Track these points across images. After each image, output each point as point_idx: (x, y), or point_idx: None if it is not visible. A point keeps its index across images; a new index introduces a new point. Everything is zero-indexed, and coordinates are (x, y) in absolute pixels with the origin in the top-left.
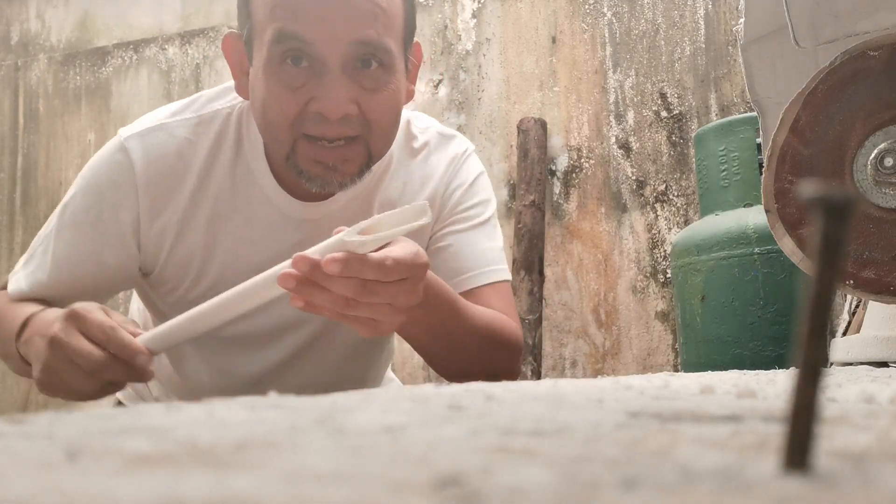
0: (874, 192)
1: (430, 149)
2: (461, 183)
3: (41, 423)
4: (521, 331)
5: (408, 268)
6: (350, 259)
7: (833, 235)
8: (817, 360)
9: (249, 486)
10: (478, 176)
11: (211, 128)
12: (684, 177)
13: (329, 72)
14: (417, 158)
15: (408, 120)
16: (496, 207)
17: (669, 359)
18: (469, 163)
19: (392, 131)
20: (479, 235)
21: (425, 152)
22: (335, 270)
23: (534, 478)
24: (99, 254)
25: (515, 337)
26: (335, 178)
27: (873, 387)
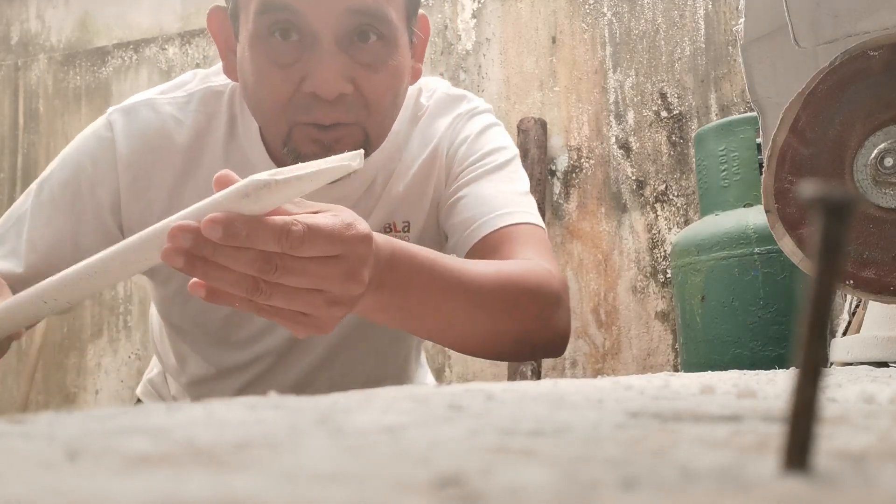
0: (874, 192)
1: (434, 112)
2: (466, 136)
3: (41, 423)
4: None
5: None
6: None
7: (833, 235)
8: (817, 360)
9: (249, 486)
10: (487, 127)
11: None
12: (684, 177)
13: (321, 46)
14: (419, 125)
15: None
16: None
17: (669, 359)
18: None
19: (392, 114)
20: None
21: (428, 116)
22: (215, 235)
23: (534, 478)
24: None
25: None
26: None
27: (873, 387)
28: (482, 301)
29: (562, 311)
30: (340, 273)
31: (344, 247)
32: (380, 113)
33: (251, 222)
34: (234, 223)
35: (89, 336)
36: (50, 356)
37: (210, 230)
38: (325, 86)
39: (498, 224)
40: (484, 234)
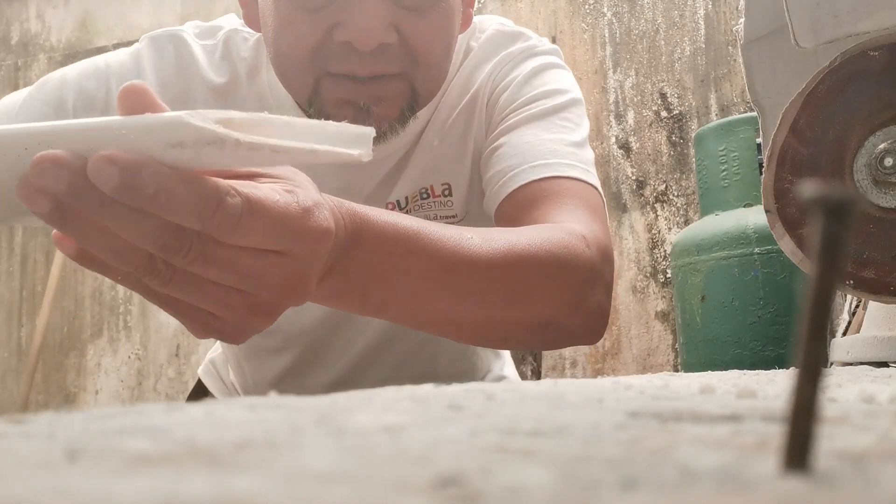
0: (874, 192)
1: (482, 53)
2: (512, 78)
3: (41, 423)
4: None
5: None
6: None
7: (833, 235)
8: (817, 360)
9: (249, 486)
10: (543, 68)
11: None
12: (684, 177)
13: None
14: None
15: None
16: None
17: (669, 359)
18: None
19: (444, 66)
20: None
21: (474, 56)
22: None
23: (534, 478)
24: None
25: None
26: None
27: (873, 387)
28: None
29: (598, 288)
30: (280, 276)
31: (293, 242)
32: (430, 64)
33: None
34: (139, 170)
35: (89, 336)
36: (50, 356)
37: (100, 173)
38: (363, 34)
39: (531, 176)
40: (514, 187)
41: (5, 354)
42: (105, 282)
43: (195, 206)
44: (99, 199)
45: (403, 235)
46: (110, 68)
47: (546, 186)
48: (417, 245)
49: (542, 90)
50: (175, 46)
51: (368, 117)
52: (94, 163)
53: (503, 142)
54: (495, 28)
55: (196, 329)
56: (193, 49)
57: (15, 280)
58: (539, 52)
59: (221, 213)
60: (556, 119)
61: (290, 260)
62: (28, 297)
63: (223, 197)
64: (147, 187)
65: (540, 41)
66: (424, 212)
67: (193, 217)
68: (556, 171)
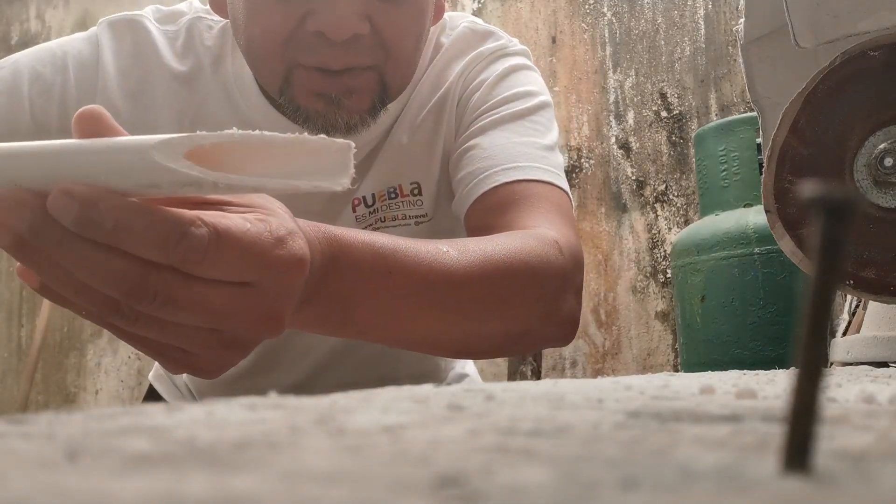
0: (874, 192)
1: (452, 51)
2: (483, 80)
3: (41, 423)
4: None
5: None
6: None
7: (833, 235)
8: (817, 360)
9: (249, 486)
10: (513, 69)
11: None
12: (684, 177)
13: None
14: (434, 65)
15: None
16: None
17: (669, 359)
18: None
19: (415, 59)
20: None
21: (444, 54)
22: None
23: (534, 478)
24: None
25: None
26: (340, 115)
27: (873, 387)
28: (457, 301)
29: (569, 294)
30: (252, 309)
31: (265, 273)
32: (402, 57)
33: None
34: (97, 205)
35: (89, 336)
36: (50, 356)
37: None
38: (336, 25)
39: (502, 179)
40: (484, 189)
41: (5, 354)
42: None
43: (158, 237)
44: (59, 237)
45: (380, 255)
46: (67, 55)
47: (517, 190)
48: (395, 264)
49: (512, 92)
50: (134, 32)
51: (339, 109)
52: (54, 196)
53: (474, 143)
54: (466, 26)
55: (169, 365)
56: (154, 35)
57: (15, 280)
58: (510, 52)
59: (186, 244)
60: (527, 122)
61: (263, 292)
62: (28, 297)
63: (187, 228)
64: (106, 221)
65: (510, 41)
66: (393, 211)
67: (156, 249)
68: (527, 174)
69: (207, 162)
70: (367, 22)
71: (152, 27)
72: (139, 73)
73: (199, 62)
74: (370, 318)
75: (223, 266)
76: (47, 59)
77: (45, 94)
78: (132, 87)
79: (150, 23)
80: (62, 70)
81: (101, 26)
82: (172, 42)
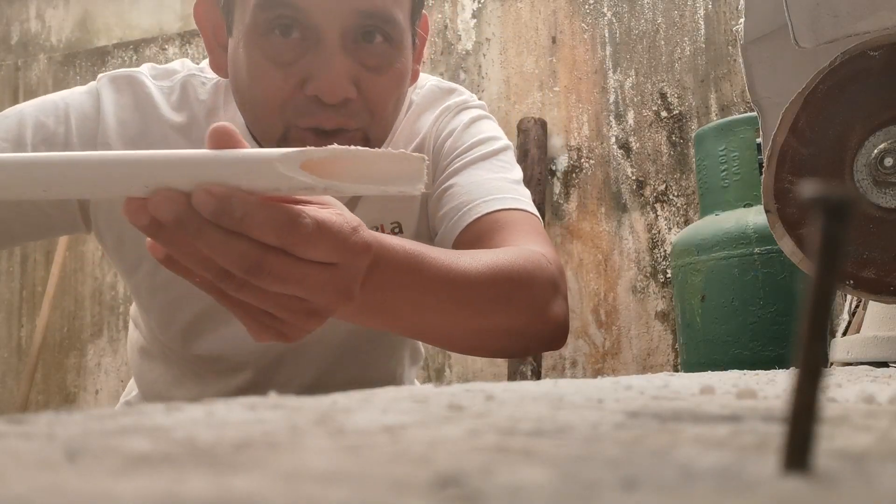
0: (874, 192)
1: (422, 105)
2: (453, 129)
3: (41, 423)
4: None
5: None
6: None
7: (833, 235)
8: (817, 360)
9: (249, 486)
10: (476, 119)
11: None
12: (684, 177)
13: (326, 46)
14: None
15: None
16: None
17: (669, 359)
18: (465, 112)
19: (394, 118)
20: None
21: (415, 109)
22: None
23: (534, 478)
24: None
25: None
26: None
27: (873, 387)
28: (471, 297)
29: (559, 299)
30: (333, 284)
31: (345, 255)
32: (383, 118)
33: (251, 204)
34: (230, 201)
35: (89, 336)
36: (50, 356)
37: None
38: (330, 90)
39: (484, 210)
40: (470, 220)
41: (5, 354)
42: (105, 282)
43: (275, 226)
44: (198, 224)
45: (412, 255)
46: (69, 107)
47: (499, 217)
48: (423, 264)
49: (478, 137)
50: (132, 86)
51: None
52: (198, 194)
53: (452, 183)
54: (433, 84)
55: (257, 330)
56: (150, 89)
57: (15, 280)
58: (471, 105)
59: (296, 231)
60: (495, 161)
61: (342, 270)
62: (28, 297)
63: (297, 219)
64: (236, 212)
65: (470, 96)
66: None
67: (273, 235)
68: (505, 203)
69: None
70: (354, 87)
71: (149, 82)
72: (138, 124)
73: (194, 114)
74: (400, 309)
75: (321, 249)
76: (50, 111)
77: (47, 143)
78: (132, 135)
79: (146, 78)
80: (64, 121)
81: (102, 81)
82: (168, 96)
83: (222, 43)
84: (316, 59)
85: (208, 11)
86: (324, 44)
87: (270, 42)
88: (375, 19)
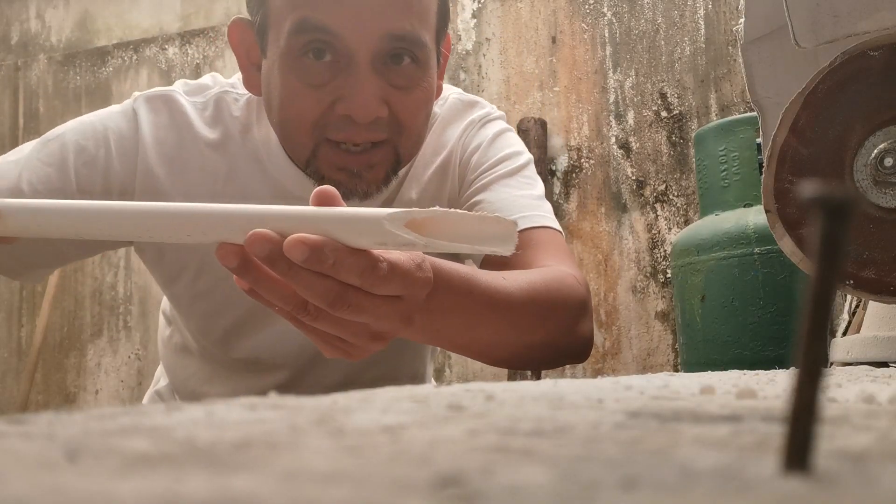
0: (874, 192)
1: (446, 118)
2: (479, 143)
3: (41, 423)
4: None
5: (406, 282)
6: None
7: (833, 235)
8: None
9: (249, 486)
10: (500, 133)
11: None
12: (684, 177)
13: (357, 68)
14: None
15: None
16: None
17: (669, 359)
18: (489, 125)
19: (423, 133)
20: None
21: (440, 122)
22: (298, 256)
23: (534, 478)
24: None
25: (572, 291)
26: (360, 185)
27: (873, 387)
28: (514, 317)
29: (587, 317)
30: (398, 313)
31: (409, 288)
32: (412, 133)
33: (340, 251)
34: (322, 248)
35: (89, 336)
36: (50, 356)
37: (295, 251)
38: (362, 109)
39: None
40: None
41: (5, 354)
42: (105, 282)
43: (358, 269)
44: (288, 265)
45: (464, 279)
46: (108, 129)
47: (526, 236)
48: (474, 287)
49: (504, 153)
50: (168, 105)
51: (360, 181)
52: (292, 244)
53: (480, 199)
54: (455, 97)
55: (328, 350)
56: (185, 107)
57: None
58: (493, 118)
59: (374, 273)
60: (520, 177)
61: (405, 301)
62: (28, 297)
63: (375, 263)
64: (328, 260)
65: (491, 108)
66: None
67: (355, 277)
68: (533, 221)
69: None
70: (385, 106)
71: (183, 100)
72: (175, 141)
73: (228, 130)
74: (453, 328)
75: (391, 286)
76: (89, 134)
77: (89, 166)
78: (169, 153)
79: (181, 97)
80: (104, 143)
81: (138, 101)
82: (202, 112)
83: (255, 63)
84: (348, 80)
85: (243, 33)
86: (355, 66)
87: (304, 64)
88: (404, 42)
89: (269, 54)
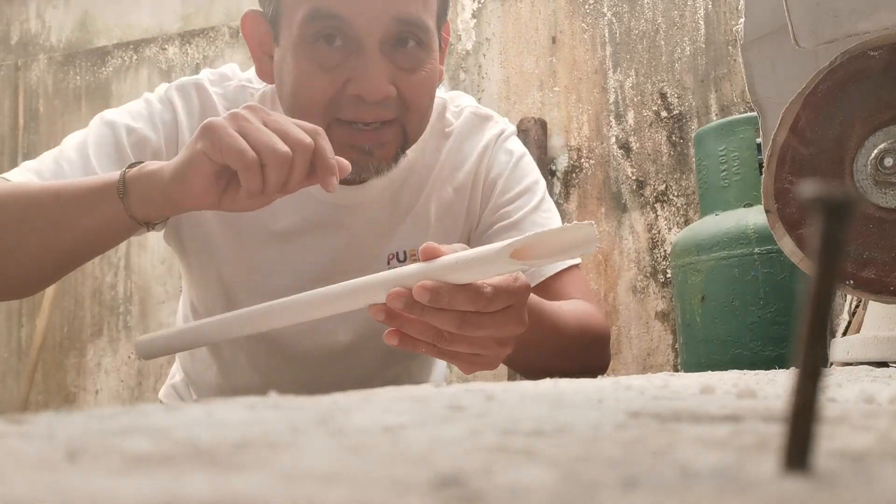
0: (874, 192)
1: (463, 132)
2: (501, 171)
3: (41, 423)
4: (604, 318)
5: (509, 294)
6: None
7: (833, 235)
8: (817, 360)
9: (249, 486)
10: (519, 159)
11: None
12: (684, 177)
13: (366, 51)
14: (449, 142)
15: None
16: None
17: (669, 359)
18: (506, 146)
19: (428, 113)
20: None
21: (457, 136)
22: (424, 299)
23: (534, 478)
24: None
25: (603, 328)
26: (371, 162)
27: (873, 387)
28: (565, 344)
29: (609, 345)
30: (512, 320)
31: (514, 298)
32: (418, 111)
33: (452, 289)
34: (439, 291)
35: (89, 336)
36: (50, 356)
37: (420, 295)
38: (372, 89)
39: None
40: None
41: (5, 354)
42: (105, 282)
43: (470, 299)
44: (420, 308)
45: (537, 304)
46: (153, 114)
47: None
48: (543, 313)
49: (525, 184)
50: (198, 92)
51: (371, 158)
52: (417, 289)
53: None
54: (470, 111)
55: (465, 368)
56: (212, 95)
57: None
58: (507, 135)
59: (483, 298)
60: (542, 211)
61: (514, 308)
62: (28, 297)
63: (482, 290)
64: (444, 297)
65: (503, 122)
66: None
67: (469, 305)
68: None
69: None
70: (392, 86)
71: (210, 89)
72: None
73: None
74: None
75: (498, 303)
76: (138, 116)
77: (139, 145)
78: None
79: (208, 84)
80: (152, 127)
81: (170, 91)
82: (223, 100)
83: (268, 52)
84: (358, 63)
85: (256, 23)
86: (364, 49)
87: (317, 50)
88: (410, 26)
89: (282, 42)
